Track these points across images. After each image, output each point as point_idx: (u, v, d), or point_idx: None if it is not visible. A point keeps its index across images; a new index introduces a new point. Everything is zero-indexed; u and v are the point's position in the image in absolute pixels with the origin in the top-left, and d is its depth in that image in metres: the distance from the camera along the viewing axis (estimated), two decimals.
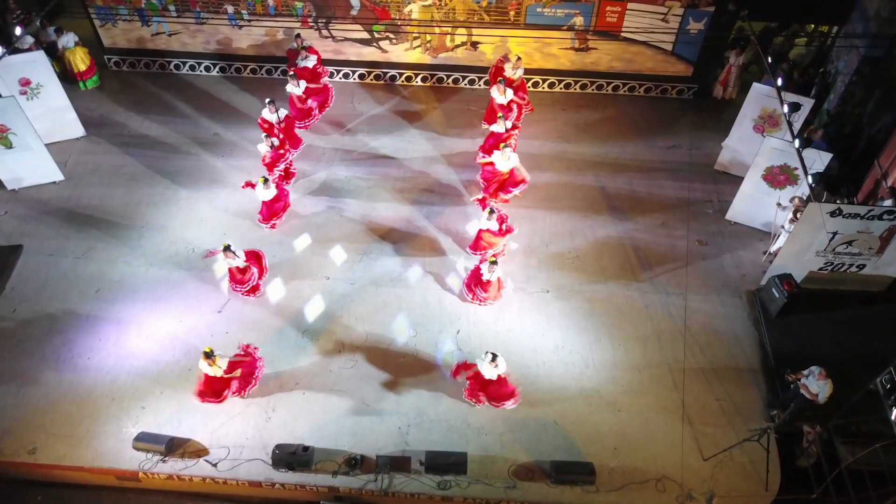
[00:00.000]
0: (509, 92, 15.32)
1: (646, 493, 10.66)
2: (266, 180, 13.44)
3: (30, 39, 16.43)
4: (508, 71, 15.91)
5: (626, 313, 12.99)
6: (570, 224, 14.47)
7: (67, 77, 17.13)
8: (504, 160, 14.02)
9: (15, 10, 17.32)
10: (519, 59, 15.99)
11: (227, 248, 12.19)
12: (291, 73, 15.63)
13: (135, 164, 15.66)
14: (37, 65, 14.84)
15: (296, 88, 15.57)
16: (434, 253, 13.83)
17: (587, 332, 12.60)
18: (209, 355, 10.80)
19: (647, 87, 17.61)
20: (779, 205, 13.23)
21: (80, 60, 17.34)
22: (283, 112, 14.93)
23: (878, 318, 12.73)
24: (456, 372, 11.39)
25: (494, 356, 10.85)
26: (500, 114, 14.88)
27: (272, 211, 14.00)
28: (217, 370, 10.98)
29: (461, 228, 14.34)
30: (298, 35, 16.39)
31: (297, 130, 15.73)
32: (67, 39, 17.13)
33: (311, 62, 16.05)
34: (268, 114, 14.80)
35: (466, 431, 11.30)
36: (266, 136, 14.33)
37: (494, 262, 12.32)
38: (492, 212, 13.06)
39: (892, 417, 8.90)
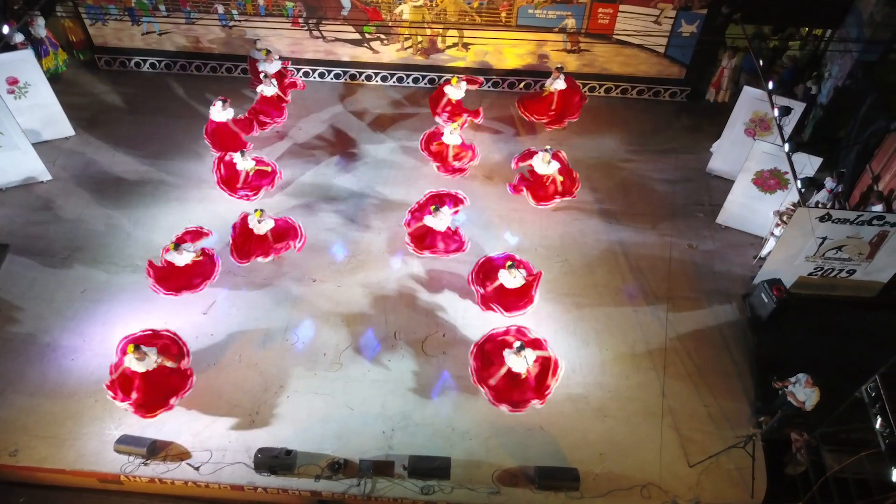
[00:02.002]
0: (463, 85, 15.47)
1: (631, 500, 10.59)
2: (262, 212, 12.88)
3: (20, 36, 16.33)
4: (548, 84, 15.80)
5: (615, 318, 12.91)
6: (560, 227, 14.40)
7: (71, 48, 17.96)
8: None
9: (13, 5, 17.20)
10: (559, 68, 15.80)
11: (176, 247, 12.24)
12: (264, 73, 15.64)
13: (124, 164, 15.58)
14: (25, 63, 14.71)
15: (269, 89, 15.49)
16: (423, 256, 13.70)
17: (575, 337, 12.52)
18: (138, 349, 10.63)
19: (639, 90, 17.54)
20: (777, 213, 13.13)
21: (74, 32, 17.65)
22: (230, 111, 15.00)
23: (869, 324, 12.64)
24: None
25: (521, 347, 10.78)
26: (454, 124, 14.75)
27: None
28: (144, 365, 10.71)
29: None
30: (258, 40, 16.59)
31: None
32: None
33: (275, 67, 16.02)
34: (217, 112, 14.82)
35: (451, 436, 11.23)
36: (242, 154, 14.07)
37: (512, 266, 12.10)
38: (437, 209, 12.94)
39: (877, 426, 8.82)
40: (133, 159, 15.68)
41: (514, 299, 12.28)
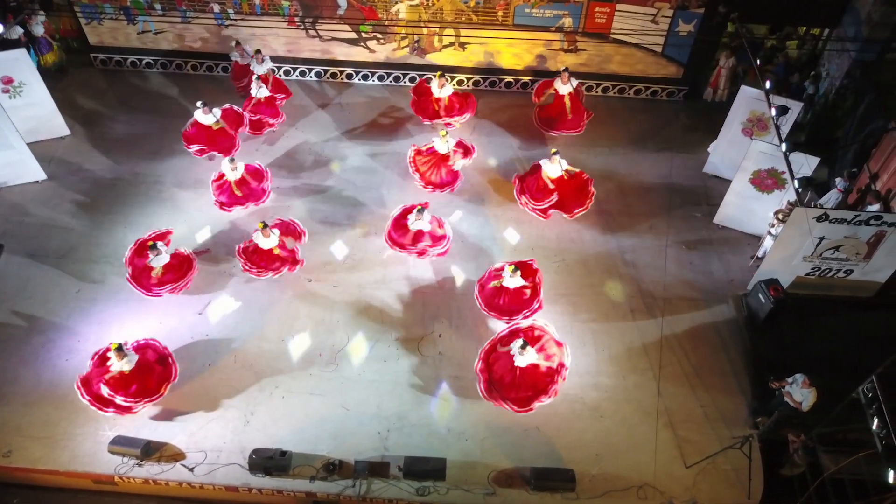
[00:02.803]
0: (448, 88, 15.39)
1: (627, 501, 10.55)
2: (265, 226, 12.50)
3: (18, 30, 16.31)
4: (558, 86, 15.58)
5: (612, 318, 12.87)
6: (557, 227, 14.33)
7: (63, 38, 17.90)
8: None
9: (10, 3, 17.19)
10: (566, 70, 15.58)
11: (152, 247, 12.26)
12: (256, 76, 15.52)
13: (119, 163, 15.54)
14: (19, 63, 14.64)
15: (260, 91, 15.36)
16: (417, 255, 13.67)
17: (571, 337, 12.41)
18: (120, 349, 10.69)
19: (637, 89, 17.48)
20: (776, 212, 13.08)
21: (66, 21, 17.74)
22: (217, 111, 14.79)
23: (866, 324, 12.58)
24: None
25: (525, 344, 10.74)
26: (442, 132, 14.38)
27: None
28: (125, 365, 10.74)
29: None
30: (238, 43, 16.38)
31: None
32: None
33: (265, 68, 15.90)
34: (201, 116, 14.63)
35: (447, 436, 11.20)
36: (230, 161, 13.80)
37: (517, 270, 11.99)
38: (421, 211, 12.86)
39: (874, 427, 8.78)
40: (128, 159, 15.62)
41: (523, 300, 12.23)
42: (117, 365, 10.72)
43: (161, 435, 11.08)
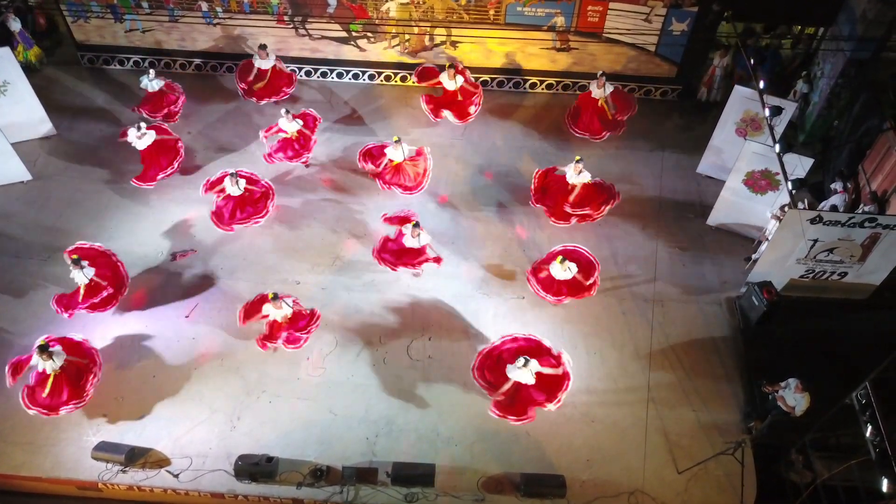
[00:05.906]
0: (459, 78, 15.27)
1: None
2: (276, 296, 11.43)
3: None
4: (593, 90, 15.34)
5: (604, 321, 12.74)
6: (548, 229, 14.16)
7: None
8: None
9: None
10: (602, 74, 15.32)
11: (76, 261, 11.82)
12: (285, 109, 14.57)
13: (106, 164, 15.31)
14: (3, 61, 14.41)
15: (289, 125, 14.49)
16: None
17: (563, 340, 12.26)
18: (44, 349, 10.65)
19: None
20: (774, 215, 12.93)
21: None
22: (150, 135, 14.06)
23: (860, 327, 12.48)
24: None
25: (526, 360, 10.57)
26: (395, 137, 14.01)
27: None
28: (51, 364, 10.69)
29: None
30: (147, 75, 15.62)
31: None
32: None
33: (270, 62, 15.68)
34: (133, 137, 13.96)
35: (436, 441, 11.08)
36: (232, 175, 13.24)
37: (564, 259, 11.93)
38: (416, 225, 12.40)
39: (867, 434, 8.65)
40: (115, 159, 15.34)
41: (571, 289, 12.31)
42: (43, 365, 10.70)
43: (146, 440, 10.94)
